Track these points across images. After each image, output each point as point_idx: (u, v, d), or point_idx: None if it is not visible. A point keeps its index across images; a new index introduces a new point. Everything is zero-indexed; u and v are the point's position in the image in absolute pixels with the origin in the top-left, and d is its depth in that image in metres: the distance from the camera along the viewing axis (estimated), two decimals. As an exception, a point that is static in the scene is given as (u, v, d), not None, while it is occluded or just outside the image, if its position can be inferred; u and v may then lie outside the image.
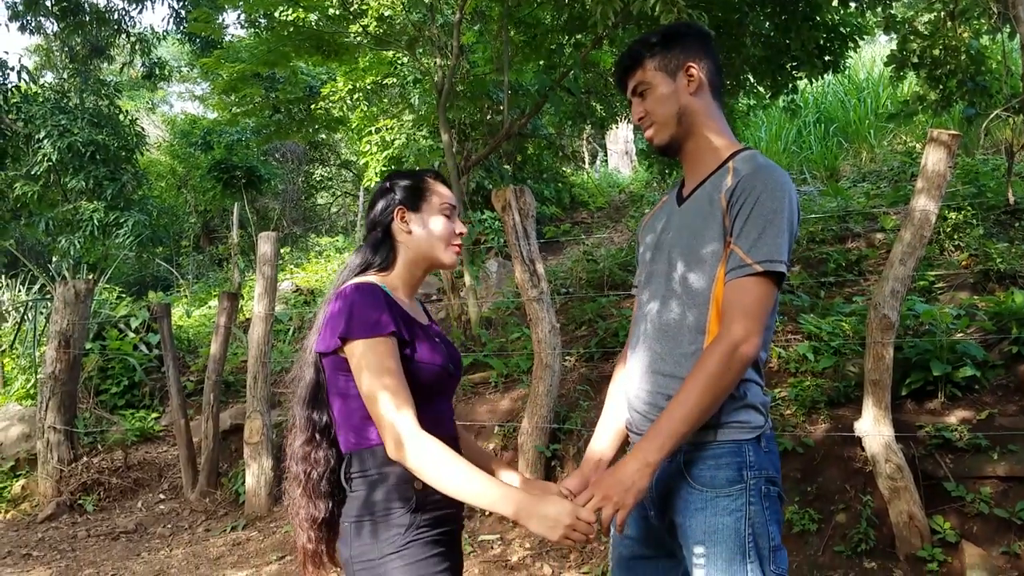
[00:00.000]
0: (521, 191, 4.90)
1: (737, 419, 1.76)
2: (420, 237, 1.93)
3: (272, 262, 5.91)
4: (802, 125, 11.53)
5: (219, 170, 14.32)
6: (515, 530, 4.69)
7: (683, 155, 1.96)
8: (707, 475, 1.75)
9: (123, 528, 5.73)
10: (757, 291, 1.71)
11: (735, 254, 1.74)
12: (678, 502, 1.78)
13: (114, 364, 7.67)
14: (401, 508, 1.73)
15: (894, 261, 3.87)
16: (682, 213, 1.92)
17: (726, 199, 1.77)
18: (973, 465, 3.91)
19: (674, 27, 1.99)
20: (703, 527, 1.73)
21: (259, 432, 5.67)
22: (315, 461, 1.85)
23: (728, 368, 1.67)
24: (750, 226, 1.72)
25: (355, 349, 1.73)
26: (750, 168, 1.79)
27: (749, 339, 1.68)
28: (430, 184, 1.98)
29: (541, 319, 4.80)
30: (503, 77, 7.59)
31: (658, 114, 1.91)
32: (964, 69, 6.58)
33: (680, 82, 1.90)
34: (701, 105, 1.92)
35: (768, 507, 1.75)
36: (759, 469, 1.76)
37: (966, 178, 6.83)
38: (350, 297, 1.77)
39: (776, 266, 1.71)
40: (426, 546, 1.73)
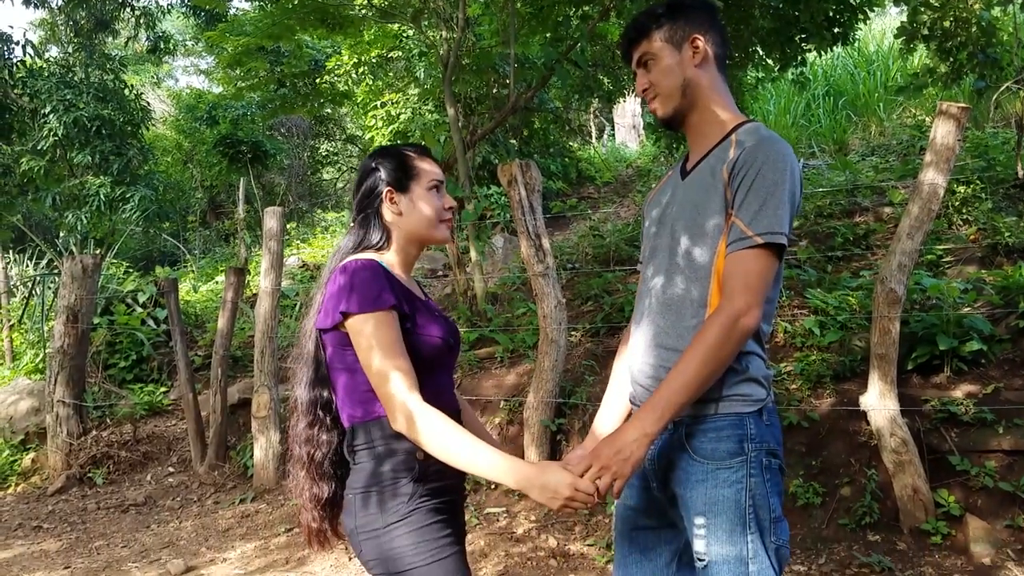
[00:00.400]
0: (527, 165, 4.88)
1: (739, 392, 1.76)
2: (411, 217, 1.94)
3: (278, 237, 5.91)
4: (811, 98, 11.42)
5: (225, 145, 14.27)
6: (521, 503, 4.72)
7: (687, 128, 1.95)
8: (708, 447, 1.75)
9: (132, 501, 5.79)
10: (758, 263, 1.70)
11: (736, 226, 1.73)
12: (679, 474, 1.79)
13: (122, 339, 7.71)
14: (405, 478, 1.76)
15: (901, 235, 3.86)
16: (686, 187, 1.91)
17: (728, 172, 1.77)
18: (978, 439, 3.92)
19: (676, 1, 1.94)
20: (704, 499, 1.73)
21: (266, 406, 5.70)
22: (318, 442, 1.88)
23: (727, 339, 1.68)
24: (751, 198, 1.72)
25: (357, 324, 1.74)
26: (752, 140, 1.78)
27: (750, 311, 1.68)
28: (416, 161, 1.97)
29: (547, 294, 4.80)
30: (509, 50, 7.52)
31: (662, 86, 1.90)
32: (975, 41, 6.50)
33: (685, 54, 1.89)
34: (706, 78, 1.90)
35: (769, 479, 1.75)
36: (760, 441, 1.76)
37: (975, 151, 6.77)
38: (350, 273, 1.79)
39: (777, 238, 1.70)
40: (428, 513, 1.76)
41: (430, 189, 1.95)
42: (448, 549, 1.76)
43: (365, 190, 1.96)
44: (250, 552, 4.64)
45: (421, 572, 1.71)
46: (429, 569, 1.72)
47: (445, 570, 1.73)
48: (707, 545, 1.73)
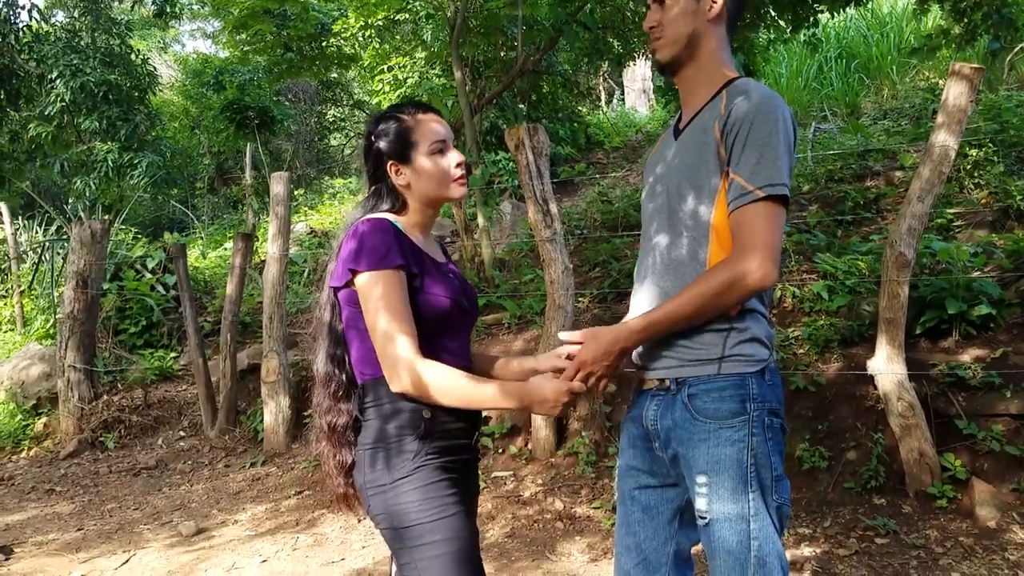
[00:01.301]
0: (535, 129, 4.84)
1: (741, 352, 1.77)
2: (419, 184, 1.92)
3: (285, 202, 5.90)
4: (823, 61, 11.27)
5: (232, 110, 14.20)
6: (528, 467, 4.75)
7: (680, 79, 1.94)
8: (711, 407, 1.76)
9: (144, 464, 5.86)
10: (766, 217, 1.70)
11: (735, 183, 1.73)
12: (682, 433, 1.79)
13: (132, 304, 7.74)
14: (411, 436, 1.78)
15: (912, 198, 3.82)
16: (679, 146, 1.91)
17: (720, 128, 1.76)
18: (985, 403, 3.91)
19: None
20: (706, 457, 1.75)
21: (276, 371, 5.73)
22: (339, 411, 1.90)
23: (730, 292, 1.69)
24: (748, 153, 1.71)
25: (364, 281, 1.77)
26: (742, 96, 1.77)
27: (764, 270, 1.67)
28: (413, 125, 1.93)
29: (554, 260, 4.78)
30: (517, 12, 7.44)
31: (671, 30, 1.87)
32: (989, 2, 6.39)
33: (704, 4, 1.87)
34: (715, 35, 1.89)
35: (771, 438, 1.76)
36: (762, 401, 1.76)
37: (988, 114, 6.68)
38: (360, 232, 1.80)
39: (779, 189, 1.70)
40: (434, 471, 1.78)
41: (433, 153, 1.92)
42: (453, 508, 1.77)
43: (370, 163, 1.96)
44: (260, 514, 4.70)
45: (425, 528, 1.74)
46: (433, 526, 1.74)
47: (449, 527, 1.75)
48: (709, 503, 1.75)
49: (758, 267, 1.67)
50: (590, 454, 4.59)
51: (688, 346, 1.79)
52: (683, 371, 1.80)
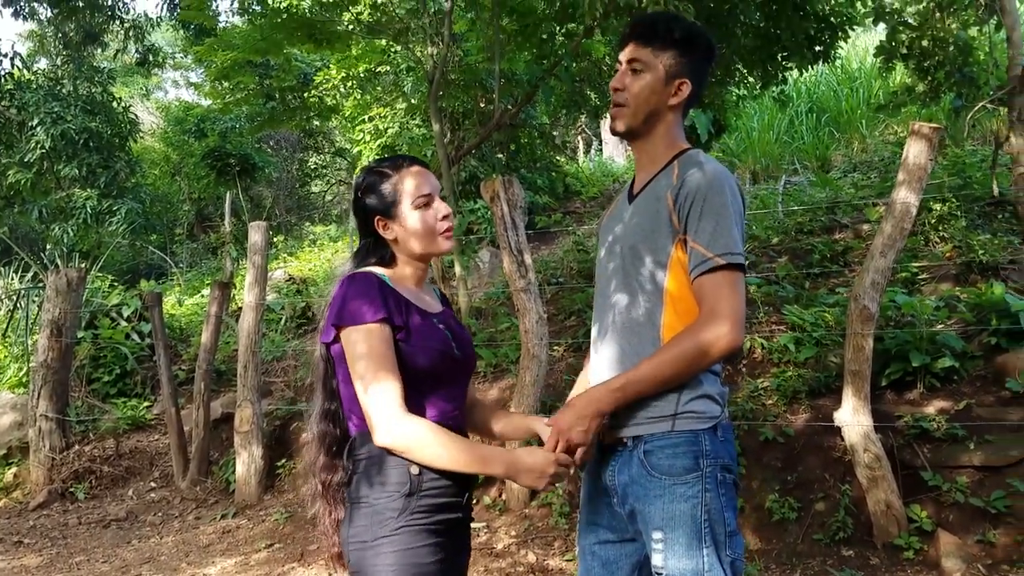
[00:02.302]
0: (510, 182, 4.93)
1: (694, 409, 1.82)
2: (406, 238, 1.93)
3: (263, 252, 5.94)
4: (794, 115, 11.54)
5: (213, 158, 14.29)
6: (501, 518, 4.75)
7: (635, 148, 2.03)
8: (665, 463, 1.80)
9: (114, 516, 5.79)
10: (729, 284, 1.77)
11: (695, 251, 1.80)
12: (638, 489, 1.83)
13: (106, 353, 7.70)
14: (395, 492, 1.74)
15: (875, 253, 3.92)
16: (634, 209, 1.98)
17: (672, 197, 1.84)
18: (950, 455, 3.97)
19: (693, 34, 1.98)
20: (661, 513, 1.78)
21: (249, 421, 5.71)
22: (334, 468, 1.86)
23: (703, 356, 1.76)
24: (704, 223, 1.79)
25: (347, 336, 1.77)
26: (692, 167, 1.86)
27: (733, 335, 1.75)
28: (397, 181, 1.93)
29: (529, 309, 4.84)
30: (495, 66, 7.59)
31: (635, 102, 1.94)
32: (952, 60, 6.62)
33: (670, 89, 1.95)
34: (671, 116, 1.98)
35: (724, 494, 1.81)
36: (715, 457, 1.81)
37: (953, 169, 6.86)
38: (344, 286, 1.82)
39: (736, 258, 1.78)
40: (419, 534, 1.74)
41: (418, 207, 1.92)
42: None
43: (359, 218, 1.98)
44: (231, 568, 4.65)
45: None
46: None
47: None
48: (665, 559, 1.78)
49: (727, 332, 1.74)
50: (563, 505, 4.60)
51: (642, 404, 1.83)
52: (639, 428, 1.84)
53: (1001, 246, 5.48)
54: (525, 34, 7.99)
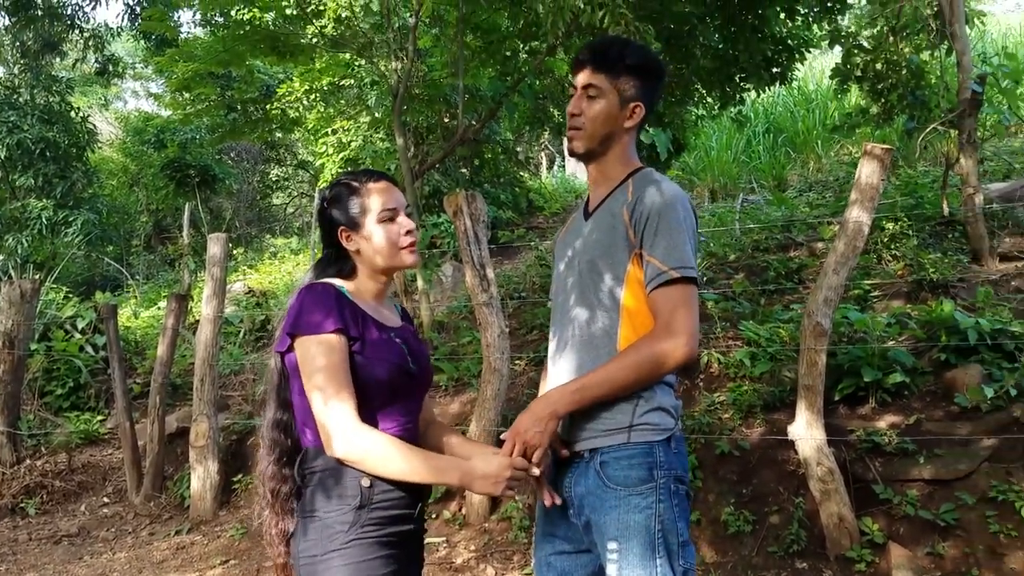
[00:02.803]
0: (472, 196, 4.95)
1: (648, 421, 1.87)
2: (368, 252, 1.94)
3: (222, 264, 5.88)
4: (752, 135, 11.74)
5: (172, 169, 14.12)
6: (460, 532, 4.74)
7: (591, 169, 2.10)
8: (620, 475, 1.85)
9: (66, 532, 5.67)
10: (683, 298, 1.84)
11: (651, 265, 1.86)
12: (594, 500, 1.87)
13: (59, 365, 7.56)
14: (346, 505, 1.75)
15: (828, 270, 3.99)
16: (591, 226, 2.04)
17: (628, 213, 1.91)
18: (901, 468, 4.05)
19: (645, 58, 2.06)
20: (616, 524, 1.82)
21: (205, 435, 5.64)
22: (283, 478, 1.86)
23: (659, 366, 1.82)
24: (660, 238, 1.86)
25: (301, 346, 1.78)
26: (646, 185, 1.94)
27: (688, 347, 1.81)
28: (363, 194, 1.95)
29: (491, 323, 4.86)
30: (458, 82, 7.63)
31: (592, 126, 2.01)
32: (905, 83, 6.80)
33: (625, 112, 2.02)
34: (626, 138, 2.06)
35: (677, 504, 1.86)
36: (668, 469, 1.86)
37: (905, 189, 7.04)
38: (301, 296, 1.83)
39: (689, 272, 1.85)
40: (371, 547, 1.74)
41: (382, 221, 1.93)
42: None
43: (323, 230, 1.99)
44: (185, 583, 4.59)
45: None
46: None
47: None
48: (619, 569, 1.81)
49: (683, 344, 1.80)
50: (523, 519, 4.61)
51: (599, 416, 1.88)
52: (595, 441, 1.89)
53: (951, 265, 5.62)
54: (489, 51, 8.06)
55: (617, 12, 4.91)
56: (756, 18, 6.96)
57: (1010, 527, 3.63)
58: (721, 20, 7.00)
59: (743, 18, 6.91)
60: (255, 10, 7.51)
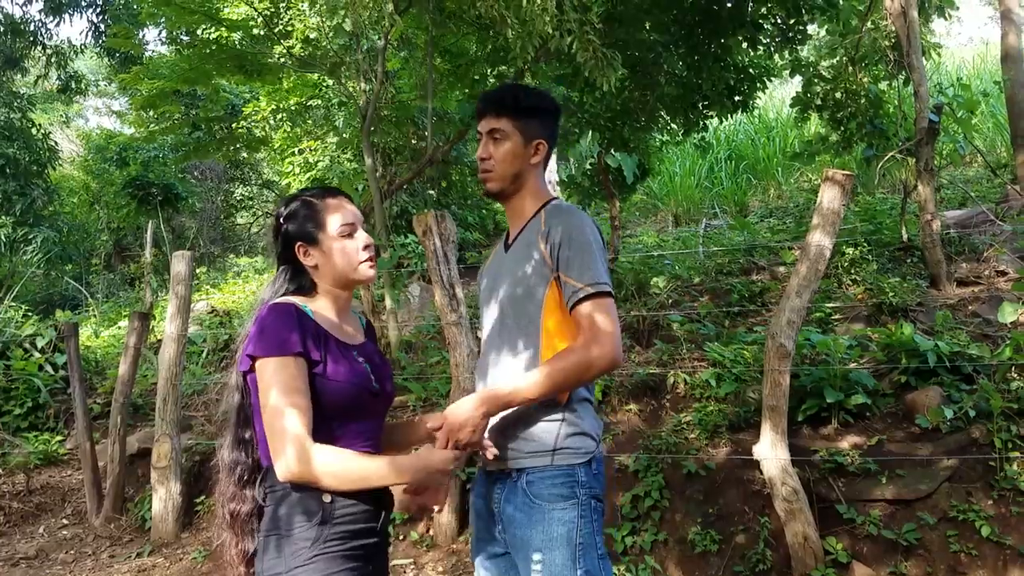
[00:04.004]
0: (442, 216, 4.97)
1: (571, 445, 2.02)
2: (327, 266, 1.95)
3: (186, 282, 5.82)
4: (714, 161, 11.96)
5: (134, 187, 13.93)
6: (428, 554, 4.72)
7: (507, 205, 2.25)
8: (545, 492, 1.99)
9: (24, 554, 5.52)
10: (603, 310, 1.97)
11: (568, 284, 2.01)
12: (521, 516, 2.00)
13: (18, 385, 7.40)
14: (307, 521, 1.75)
15: (790, 293, 4.07)
16: (510, 257, 2.19)
17: (543, 240, 2.06)
18: (863, 488, 4.12)
19: (540, 99, 2.23)
20: (541, 536, 1.96)
21: (167, 456, 5.55)
22: (243, 498, 1.86)
23: (586, 371, 1.95)
24: (572, 259, 2.01)
25: (261, 367, 1.78)
26: (556, 213, 2.11)
27: (613, 354, 1.95)
28: (321, 209, 1.96)
29: (460, 343, 4.87)
30: (427, 104, 7.68)
31: (501, 167, 2.16)
32: (864, 112, 6.98)
33: (529, 151, 2.18)
34: (535, 173, 2.22)
35: (595, 520, 2.02)
36: (589, 488, 2.02)
37: (864, 215, 7.20)
38: (262, 317, 1.83)
39: (603, 286, 1.99)
40: (335, 560, 1.75)
41: (341, 236, 1.95)
42: None
43: (279, 244, 1.99)
44: (146, 607, 4.50)
45: None
46: None
47: None
48: None
49: (609, 351, 1.94)
50: (489, 540, 4.60)
51: (526, 438, 2.03)
52: (522, 461, 2.03)
53: (910, 289, 5.76)
54: (457, 74, 8.13)
55: (585, 38, 4.99)
56: (719, 47, 7.11)
57: (970, 546, 3.71)
58: (685, 48, 7.14)
59: (706, 47, 7.06)
60: (222, 29, 7.50)
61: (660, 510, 4.38)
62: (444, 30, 7.21)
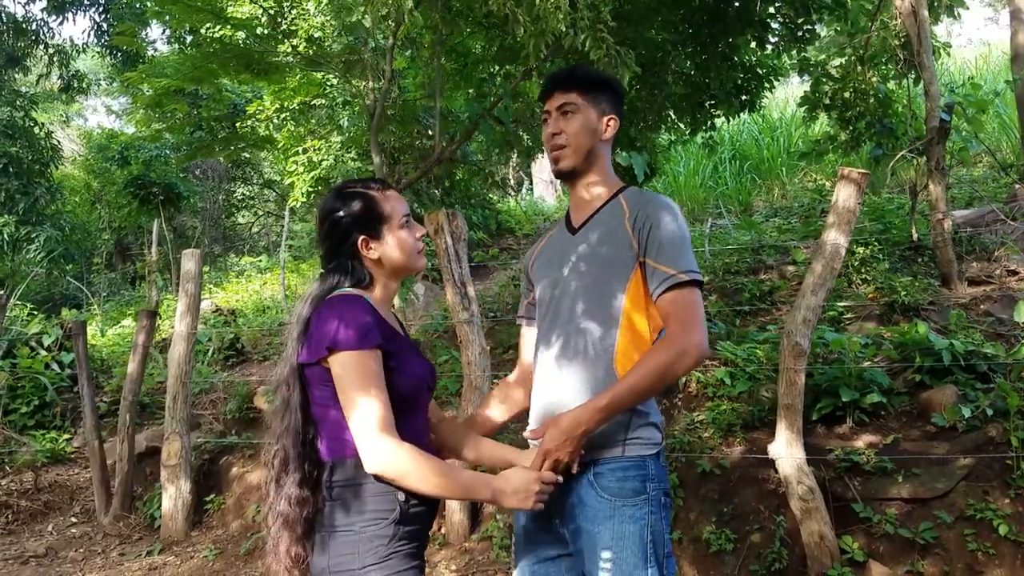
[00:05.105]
0: (453, 215, 4.97)
1: (641, 436, 1.96)
2: (389, 259, 1.94)
3: (196, 280, 5.81)
4: (718, 161, 11.95)
5: (136, 186, 13.86)
6: (441, 552, 4.71)
7: (576, 186, 2.19)
8: (615, 486, 1.93)
9: (33, 552, 5.51)
10: (693, 298, 1.93)
11: (658, 271, 1.95)
12: (587, 510, 1.94)
13: (24, 383, 7.38)
14: (386, 519, 1.75)
15: (806, 291, 4.06)
16: (578, 242, 2.12)
17: (630, 226, 2.00)
18: (879, 487, 4.11)
19: (611, 78, 2.21)
20: (611, 533, 1.89)
21: (177, 454, 5.54)
22: (304, 500, 1.82)
23: (676, 365, 1.89)
24: (664, 246, 1.96)
25: (341, 360, 1.75)
26: (644, 199, 2.06)
27: (703, 345, 1.90)
28: (382, 202, 1.95)
29: (472, 341, 4.86)
30: (433, 103, 7.66)
31: (576, 142, 2.11)
32: (872, 111, 6.96)
33: (601, 126, 2.13)
34: (605, 151, 2.18)
35: (664, 517, 1.97)
36: (659, 482, 1.96)
37: (873, 215, 7.19)
38: (339, 308, 1.80)
39: (695, 275, 1.95)
40: (405, 558, 1.76)
41: (402, 227, 1.95)
42: None
43: (335, 239, 1.94)
44: (158, 605, 4.49)
45: None
46: None
47: None
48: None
49: (699, 342, 1.89)
50: (504, 538, 4.59)
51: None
52: (590, 453, 1.95)
53: (922, 288, 5.75)
54: (463, 73, 8.12)
55: (599, 36, 4.98)
56: (727, 46, 7.10)
57: (988, 545, 3.70)
58: (693, 48, 7.13)
59: (714, 46, 7.05)
60: (227, 28, 7.47)
61: (675, 509, 4.37)
62: (454, 28, 7.18)
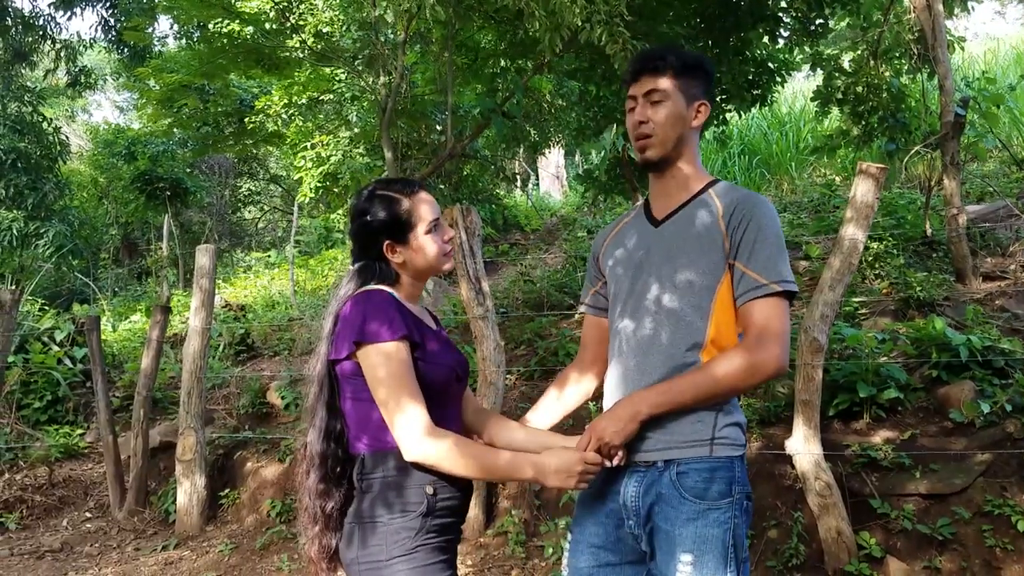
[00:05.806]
0: (468, 210, 4.96)
1: (728, 436, 1.87)
2: (414, 261, 1.95)
3: (210, 275, 5.81)
4: (727, 156, 11.93)
5: (143, 181, 13.89)
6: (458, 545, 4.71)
7: (664, 176, 2.05)
8: (700, 487, 1.84)
9: (48, 547, 5.52)
10: (780, 311, 1.84)
11: (747, 276, 1.85)
12: (668, 510, 1.85)
13: (37, 378, 7.40)
14: (413, 511, 1.76)
15: (823, 287, 4.04)
16: (664, 235, 2.00)
17: (724, 223, 1.89)
18: (897, 483, 4.10)
19: (700, 58, 2.06)
20: (694, 536, 1.81)
21: (192, 449, 5.55)
22: (331, 494, 1.85)
23: (749, 377, 1.81)
24: (760, 249, 1.85)
25: (369, 353, 1.77)
26: (740, 195, 1.93)
27: (782, 360, 1.81)
28: (410, 208, 1.94)
29: (486, 337, 4.86)
30: (445, 99, 7.66)
31: (663, 130, 1.98)
32: (885, 106, 6.94)
33: (691, 112, 2.01)
34: (694, 140, 2.04)
35: (745, 522, 1.88)
36: (743, 484, 1.88)
37: (885, 211, 7.17)
38: (363, 303, 1.82)
39: (789, 286, 1.85)
40: (433, 552, 1.77)
41: (428, 232, 1.94)
42: None
43: (363, 241, 1.95)
44: (176, 600, 4.50)
45: None
46: None
47: None
48: None
49: (777, 356, 1.80)
50: (519, 533, 4.59)
51: (678, 426, 1.86)
52: (672, 452, 1.87)
53: (937, 283, 5.73)
54: (473, 69, 8.11)
55: (615, 30, 4.97)
56: (739, 40, 7.10)
57: (1006, 541, 3.69)
58: (705, 42, 7.12)
59: (726, 41, 7.04)
60: (236, 23, 7.46)
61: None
62: (466, 22, 7.17)
